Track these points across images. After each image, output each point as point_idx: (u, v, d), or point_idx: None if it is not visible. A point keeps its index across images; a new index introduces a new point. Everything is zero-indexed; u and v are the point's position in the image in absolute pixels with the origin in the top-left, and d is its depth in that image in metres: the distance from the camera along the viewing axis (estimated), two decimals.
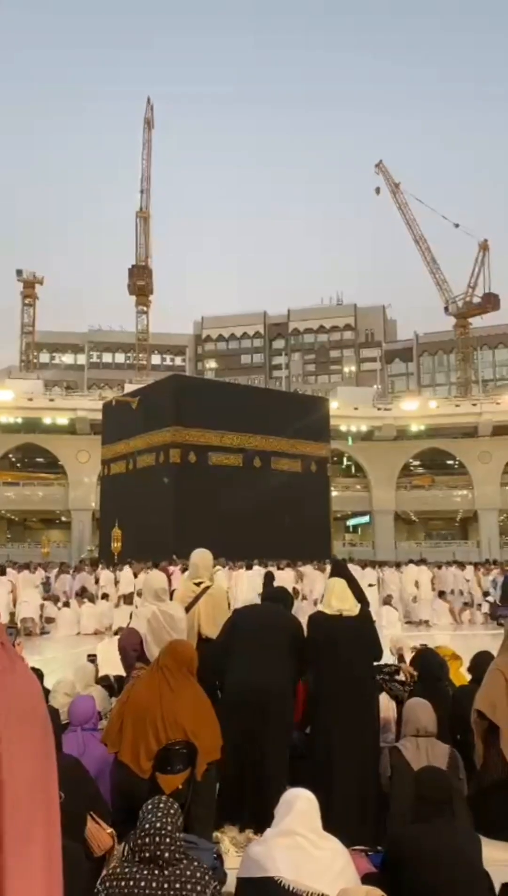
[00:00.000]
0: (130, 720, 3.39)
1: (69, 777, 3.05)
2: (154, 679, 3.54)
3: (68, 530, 43.10)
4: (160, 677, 3.52)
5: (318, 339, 67.43)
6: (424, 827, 2.88)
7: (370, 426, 43.35)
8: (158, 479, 23.64)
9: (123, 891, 2.36)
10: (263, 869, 2.61)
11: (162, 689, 3.44)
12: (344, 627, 4.16)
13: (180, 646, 3.72)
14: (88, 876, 2.71)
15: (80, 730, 3.77)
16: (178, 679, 3.49)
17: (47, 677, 5.35)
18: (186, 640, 3.84)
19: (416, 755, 3.57)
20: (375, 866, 3.18)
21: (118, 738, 3.40)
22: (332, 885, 2.54)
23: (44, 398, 42.27)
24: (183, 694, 3.46)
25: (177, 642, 3.79)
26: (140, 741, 3.34)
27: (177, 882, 2.35)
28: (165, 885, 2.34)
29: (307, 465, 26.71)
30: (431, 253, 57.64)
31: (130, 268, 55.79)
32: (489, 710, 4.00)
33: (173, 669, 3.53)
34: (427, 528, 49.69)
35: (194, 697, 3.50)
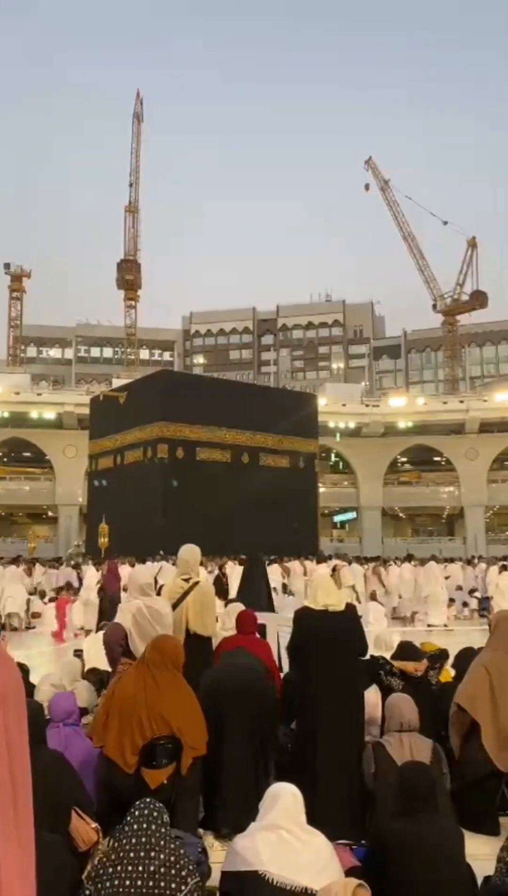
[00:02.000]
0: (116, 715, 3.40)
1: (53, 772, 3.06)
2: (140, 674, 3.54)
3: (55, 525, 42.93)
4: (146, 672, 3.53)
5: (307, 335, 67.45)
6: (407, 821, 2.90)
7: (357, 422, 43.45)
8: (145, 474, 23.60)
9: (109, 881, 2.37)
10: (247, 862, 2.63)
11: (148, 683, 3.44)
12: (330, 623, 4.18)
13: (166, 641, 3.73)
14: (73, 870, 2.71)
15: (61, 725, 3.76)
16: (163, 674, 3.50)
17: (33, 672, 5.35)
18: (172, 636, 3.84)
19: (400, 750, 3.60)
20: (359, 860, 3.20)
21: (104, 733, 3.40)
22: (316, 879, 2.56)
23: (31, 392, 42.05)
24: (168, 689, 3.47)
25: (162, 637, 3.79)
26: (125, 736, 3.34)
27: (162, 868, 2.38)
28: (151, 868, 2.36)
29: (295, 461, 26.76)
30: (420, 250, 57.79)
31: (118, 262, 55.56)
32: (468, 705, 4.04)
33: (159, 664, 3.53)
34: (414, 525, 49.92)
35: (180, 692, 3.50)
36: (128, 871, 2.37)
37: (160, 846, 2.41)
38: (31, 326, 60.08)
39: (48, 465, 42.48)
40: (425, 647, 6.12)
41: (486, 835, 3.80)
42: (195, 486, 21.92)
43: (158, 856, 2.39)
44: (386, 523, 46.29)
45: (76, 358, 64.22)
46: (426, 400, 45.90)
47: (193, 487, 21.89)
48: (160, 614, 3.97)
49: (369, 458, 43.97)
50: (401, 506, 46.68)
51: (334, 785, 3.85)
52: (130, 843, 2.42)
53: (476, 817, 3.81)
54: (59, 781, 3.06)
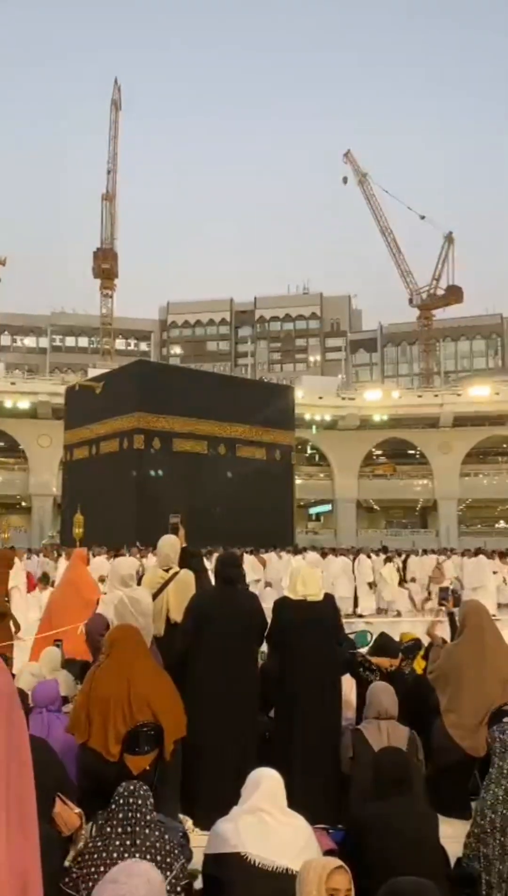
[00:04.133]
0: (96, 709, 3.44)
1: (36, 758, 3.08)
2: (112, 665, 3.58)
3: (29, 515, 42.63)
4: (118, 662, 3.57)
5: (284, 326, 67.48)
6: (383, 805, 2.99)
7: (333, 415, 43.67)
8: (121, 464, 23.53)
9: (96, 863, 2.42)
10: (229, 844, 2.70)
11: (123, 672, 3.49)
12: (308, 612, 4.26)
13: (123, 629, 3.81)
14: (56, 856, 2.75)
15: (45, 711, 3.83)
16: (137, 661, 3.55)
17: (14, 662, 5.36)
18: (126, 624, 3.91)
19: (377, 737, 3.69)
20: (336, 843, 3.28)
21: (86, 728, 3.44)
22: (296, 860, 2.63)
23: (4, 381, 41.62)
24: (143, 673, 3.52)
25: (118, 627, 3.87)
26: (108, 727, 3.38)
27: (147, 853, 2.42)
28: (137, 854, 2.41)
29: (272, 452, 26.85)
30: (397, 244, 58.11)
31: (94, 250, 55.08)
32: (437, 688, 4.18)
33: (128, 651, 3.59)
34: (388, 517, 50.38)
35: (155, 676, 3.57)
36: (113, 858, 2.41)
37: (145, 833, 2.46)
38: (5, 314, 59.34)
39: (22, 455, 42.12)
40: (403, 637, 6.25)
41: (458, 819, 3.92)
42: (171, 478, 21.91)
43: (145, 841, 2.44)
44: (361, 515, 46.67)
45: (51, 347, 63.60)
46: (402, 394, 46.26)
47: (169, 478, 21.89)
48: (140, 603, 4.01)
49: (344, 451, 44.25)
50: (375, 498, 47.09)
51: (312, 770, 3.93)
52: (114, 829, 2.46)
53: (450, 801, 3.92)
54: (42, 767, 3.08)
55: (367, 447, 45.47)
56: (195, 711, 3.87)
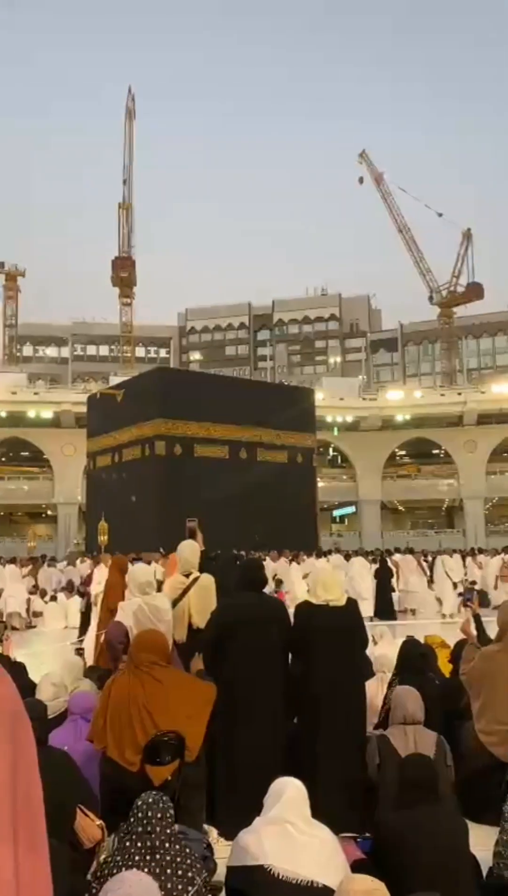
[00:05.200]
0: (113, 716, 3.40)
1: (57, 771, 3.05)
2: (131, 673, 3.54)
3: (54, 524, 42.91)
4: (137, 670, 3.53)
5: (303, 329, 67.35)
6: (410, 813, 2.91)
7: (355, 416, 43.43)
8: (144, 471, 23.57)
9: None
10: (252, 857, 2.63)
11: (142, 680, 3.44)
12: (331, 617, 4.18)
13: (147, 635, 3.75)
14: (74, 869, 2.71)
15: (79, 719, 3.86)
16: (155, 669, 3.50)
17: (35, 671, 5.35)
18: (151, 630, 3.85)
19: (404, 743, 3.61)
20: (364, 853, 3.21)
21: (103, 735, 3.41)
22: (321, 872, 2.56)
23: (28, 392, 41.99)
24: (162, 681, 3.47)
25: (142, 634, 3.81)
26: (125, 736, 3.34)
27: (168, 868, 2.37)
28: (158, 869, 2.36)
29: (293, 456, 26.73)
30: (415, 242, 57.78)
31: (113, 259, 55.43)
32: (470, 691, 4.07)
33: (148, 660, 3.54)
34: (413, 518, 49.94)
35: (176, 683, 3.51)
36: (135, 861, 2.37)
37: (165, 847, 2.41)
38: (27, 325, 59.99)
39: (46, 465, 42.46)
40: (428, 639, 6.15)
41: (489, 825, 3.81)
42: (193, 483, 21.89)
43: (165, 857, 2.39)
44: (385, 517, 46.32)
45: (73, 356, 64.09)
46: (424, 393, 45.90)
47: (191, 484, 21.86)
48: (159, 610, 3.97)
49: (367, 452, 43.97)
50: (400, 499, 46.71)
51: (337, 778, 3.85)
52: (133, 843, 2.41)
53: (480, 807, 3.81)
54: (62, 780, 3.06)
55: (390, 448, 45.15)
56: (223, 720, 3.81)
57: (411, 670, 4.46)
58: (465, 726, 4.21)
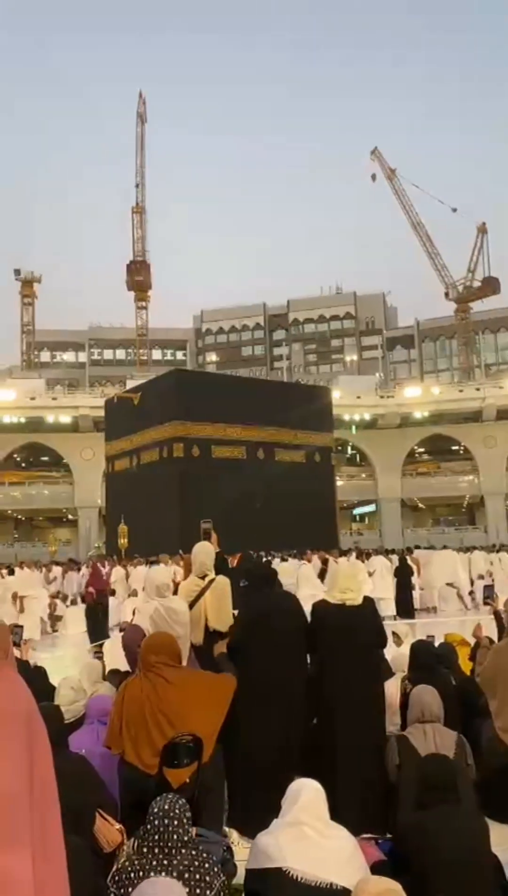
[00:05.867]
0: (129, 720, 3.40)
1: (76, 775, 3.06)
2: (145, 676, 3.55)
3: (75, 528, 43.21)
4: (150, 673, 3.53)
5: (318, 328, 67.22)
6: (430, 814, 2.89)
7: (373, 414, 43.28)
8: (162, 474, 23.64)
9: (134, 883, 2.37)
10: (271, 859, 2.62)
11: (155, 683, 3.44)
12: (347, 617, 4.16)
13: (156, 638, 3.75)
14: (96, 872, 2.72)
15: (96, 722, 3.87)
16: (165, 669, 3.50)
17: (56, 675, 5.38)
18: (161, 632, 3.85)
19: (423, 742, 3.58)
20: (384, 854, 3.18)
21: (120, 740, 3.41)
22: (340, 874, 2.54)
23: (46, 397, 42.33)
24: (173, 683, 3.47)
25: (151, 636, 3.82)
26: (141, 739, 3.35)
27: (186, 872, 2.36)
28: (175, 874, 2.35)
29: (311, 455, 26.67)
30: (429, 238, 57.49)
31: (127, 263, 55.69)
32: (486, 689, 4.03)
33: (157, 661, 3.54)
34: (434, 515, 49.66)
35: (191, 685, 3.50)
36: (153, 865, 2.36)
37: (183, 851, 2.40)
38: (44, 331, 60.43)
39: (66, 469, 42.77)
40: (448, 637, 6.10)
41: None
42: (212, 485, 21.91)
43: (183, 860, 2.38)
44: (406, 515, 46.10)
45: (90, 361, 64.45)
46: (442, 389, 45.63)
47: (209, 486, 21.88)
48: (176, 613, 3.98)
49: (386, 450, 43.80)
50: (420, 496, 46.47)
51: (355, 779, 3.83)
52: (151, 849, 2.41)
53: (502, 807, 3.77)
54: (81, 784, 3.06)
55: (409, 445, 44.94)
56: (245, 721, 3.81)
57: (423, 669, 4.42)
58: (485, 724, 4.16)
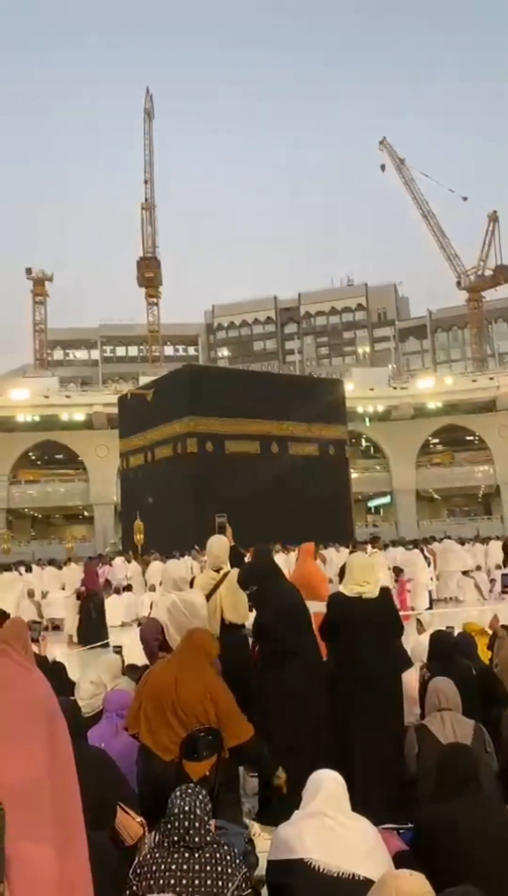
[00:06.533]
0: (148, 703, 3.42)
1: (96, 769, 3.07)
2: (171, 665, 3.56)
3: (91, 525, 43.41)
4: (176, 663, 3.54)
5: (330, 321, 67.00)
6: (451, 803, 2.87)
7: (386, 406, 43.11)
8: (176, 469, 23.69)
9: (155, 877, 2.37)
10: (292, 850, 2.61)
11: (177, 674, 3.45)
12: (364, 608, 4.15)
13: (197, 633, 3.74)
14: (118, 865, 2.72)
15: (114, 715, 3.90)
16: (193, 665, 3.50)
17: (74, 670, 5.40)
18: (204, 628, 3.85)
19: (442, 731, 3.56)
20: (406, 844, 3.17)
21: (137, 720, 3.43)
22: (362, 865, 2.53)
23: (60, 395, 42.50)
24: (197, 680, 3.46)
25: (194, 630, 3.81)
26: (159, 722, 3.36)
27: (208, 865, 2.37)
28: (197, 866, 2.35)
29: (325, 448, 26.64)
30: (440, 228, 57.07)
31: (137, 260, 55.71)
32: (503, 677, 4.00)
33: (190, 655, 3.54)
34: (450, 506, 49.42)
35: (210, 683, 3.50)
36: (172, 870, 2.36)
37: (204, 843, 2.40)
38: (56, 330, 60.63)
39: (81, 466, 42.95)
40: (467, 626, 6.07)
41: None
42: (226, 479, 21.94)
43: (204, 853, 2.38)
44: (421, 506, 45.93)
45: (102, 358, 64.64)
46: (455, 379, 45.36)
47: (223, 480, 21.91)
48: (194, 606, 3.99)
49: (400, 442, 43.64)
50: (435, 487, 46.25)
51: (375, 770, 3.82)
52: (172, 841, 2.41)
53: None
54: (101, 777, 3.07)
55: (423, 436, 44.73)
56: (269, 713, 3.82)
57: (442, 659, 4.40)
58: (505, 714, 4.13)
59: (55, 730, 1.89)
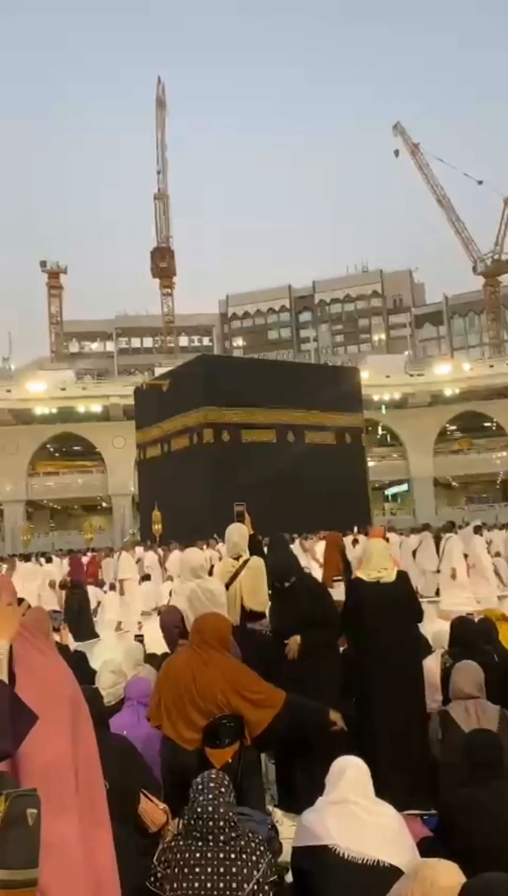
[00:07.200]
0: (167, 694, 3.42)
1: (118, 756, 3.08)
2: (187, 653, 3.56)
3: (109, 516, 43.68)
4: (193, 652, 3.54)
5: (345, 308, 66.58)
6: (476, 789, 2.85)
7: (403, 393, 42.88)
8: (193, 460, 23.72)
9: (180, 864, 2.37)
10: (316, 837, 2.60)
11: (195, 662, 3.44)
12: (382, 594, 4.13)
13: (209, 619, 3.73)
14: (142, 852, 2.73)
15: (136, 703, 3.91)
16: (210, 653, 3.49)
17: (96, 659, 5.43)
18: (217, 614, 3.83)
19: (466, 717, 3.54)
20: (431, 830, 3.16)
21: (158, 712, 3.43)
22: (387, 851, 2.52)
23: (76, 387, 42.72)
24: (214, 667, 3.45)
25: (205, 616, 3.80)
26: (179, 713, 3.36)
27: (232, 853, 2.36)
28: (221, 855, 2.35)
29: (341, 436, 26.55)
30: (455, 212, 56.45)
31: (151, 250, 55.67)
32: None
33: (203, 643, 3.54)
34: (468, 493, 49.17)
35: (228, 670, 3.48)
36: (197, 858, 2.36)
37: (228, 830, 2.39)
38: (72, 322, 60.83)
39: (98, 458, 43.19)
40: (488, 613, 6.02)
41: None
42: (243, 469, 21.93)
43: (229, 840, 2.37)
44: (439, 493, 45.73)
45: (118, 350, 64.75)
46: (472, 365, 45.00)
47: (240, 470, 21.91)
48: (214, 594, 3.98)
49: (417, 429, 43.42)
50: (453, 474, 46.02)
51: (397, 756, 3.81)
52: (197, 828, 2.40)
53: None
54: (124, 764, 3.08)
55: (440, 423, 44.48)
56: None
57: (464, 645, 4.37)
58: None
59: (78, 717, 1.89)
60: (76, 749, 1.78)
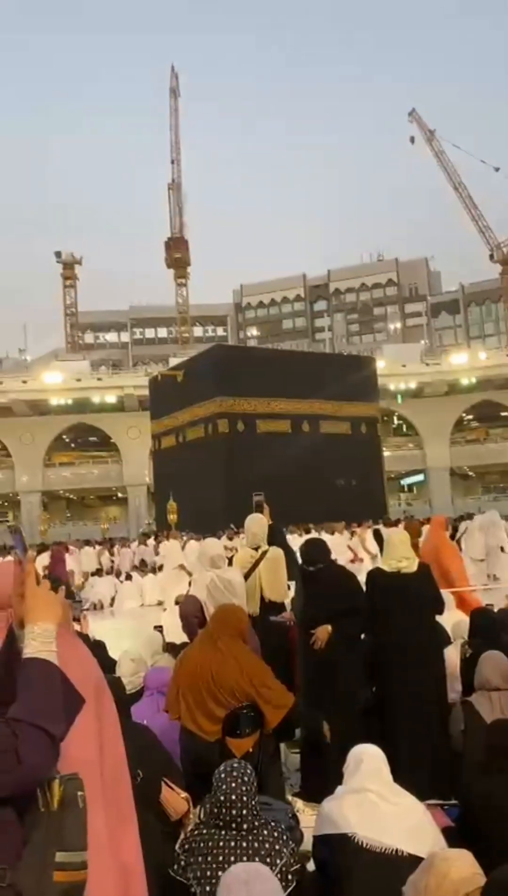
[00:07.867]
0: (185, 686, 3.43)
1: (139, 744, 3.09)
2: (203, 644, 3.57)
3: (125, 506, 43.87)
4: (210, 643, 3.55)
5: (360, 297, 66.16)
6: (496, 779, 2.84)
7: (419, 383, 42.61)
8: (208, 450, 23.73)
9: (203, 852, 2.38)
10: (336, 826, 2.61)
11: (212, 654, 3.45)
12: (403, 584, 4.12)
13: (226, 610, 3.74)
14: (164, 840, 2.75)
15: (155, 692, 3.92)
16: (227, 643, 3.50)
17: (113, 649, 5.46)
18: (234, 605, 3.84)
19: (489, 708, 3.53)
20: (452, 820, 3.15)
21: (177, 705, 3.44)
22: (407, 840, 2.52)
23: (91, 378, 42.84)
24: (232, 658, 3.46)
25: (223, 607, 3.81)
26: (197, 705, 3.37)
27: (255, 842, 2.37)
28: (244, 844, 2.36)
29: (357, 426, 26.45)
30: (472, 199, 55.82)
31: (166, 241, 55.58)
32: None
33: (221, 633, 3.54)
34: (484, 483, 48.86)
35: (246, 662, 3.49)
36: (220, 847, 2.36)
37: (250, 819, 2.39)
38: (87, 313, 60.90)
39: (114, 448, 43.34)
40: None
41: None
42: (258, 459, 21.91)
43: (251, 829, 2.38)
44: (455, 483, 45.50)
45: (132, 340, 64.80)
46: (489, 354, 44.62)
47: (255, 460, 21.89)
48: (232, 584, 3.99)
49: (433, 419, 43.17)
50: (470, 464, 45.73)
51: (418, 745, 3.82)
52: (219, 817, 2.41)
53: None
54: (146, 754, 3.09)
55: (457, 412, 44.19)
56: None
57: (484, 636, 4.35)
58: None
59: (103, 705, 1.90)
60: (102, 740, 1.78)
